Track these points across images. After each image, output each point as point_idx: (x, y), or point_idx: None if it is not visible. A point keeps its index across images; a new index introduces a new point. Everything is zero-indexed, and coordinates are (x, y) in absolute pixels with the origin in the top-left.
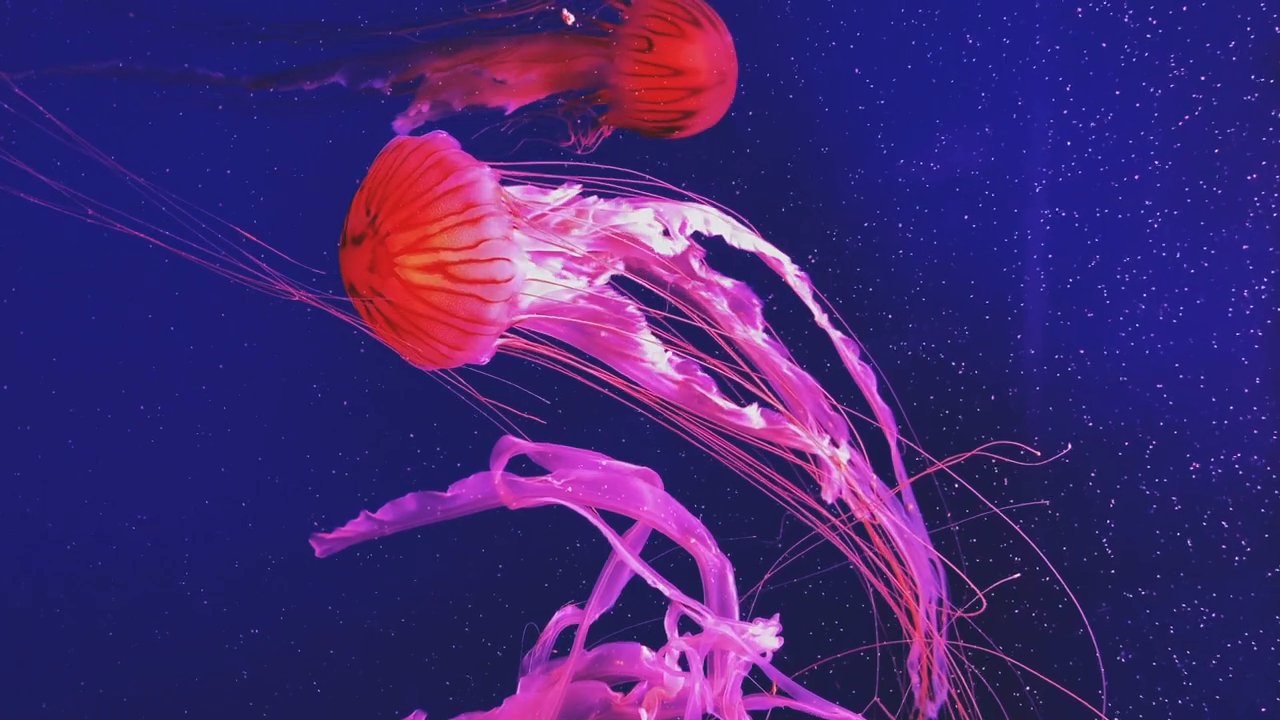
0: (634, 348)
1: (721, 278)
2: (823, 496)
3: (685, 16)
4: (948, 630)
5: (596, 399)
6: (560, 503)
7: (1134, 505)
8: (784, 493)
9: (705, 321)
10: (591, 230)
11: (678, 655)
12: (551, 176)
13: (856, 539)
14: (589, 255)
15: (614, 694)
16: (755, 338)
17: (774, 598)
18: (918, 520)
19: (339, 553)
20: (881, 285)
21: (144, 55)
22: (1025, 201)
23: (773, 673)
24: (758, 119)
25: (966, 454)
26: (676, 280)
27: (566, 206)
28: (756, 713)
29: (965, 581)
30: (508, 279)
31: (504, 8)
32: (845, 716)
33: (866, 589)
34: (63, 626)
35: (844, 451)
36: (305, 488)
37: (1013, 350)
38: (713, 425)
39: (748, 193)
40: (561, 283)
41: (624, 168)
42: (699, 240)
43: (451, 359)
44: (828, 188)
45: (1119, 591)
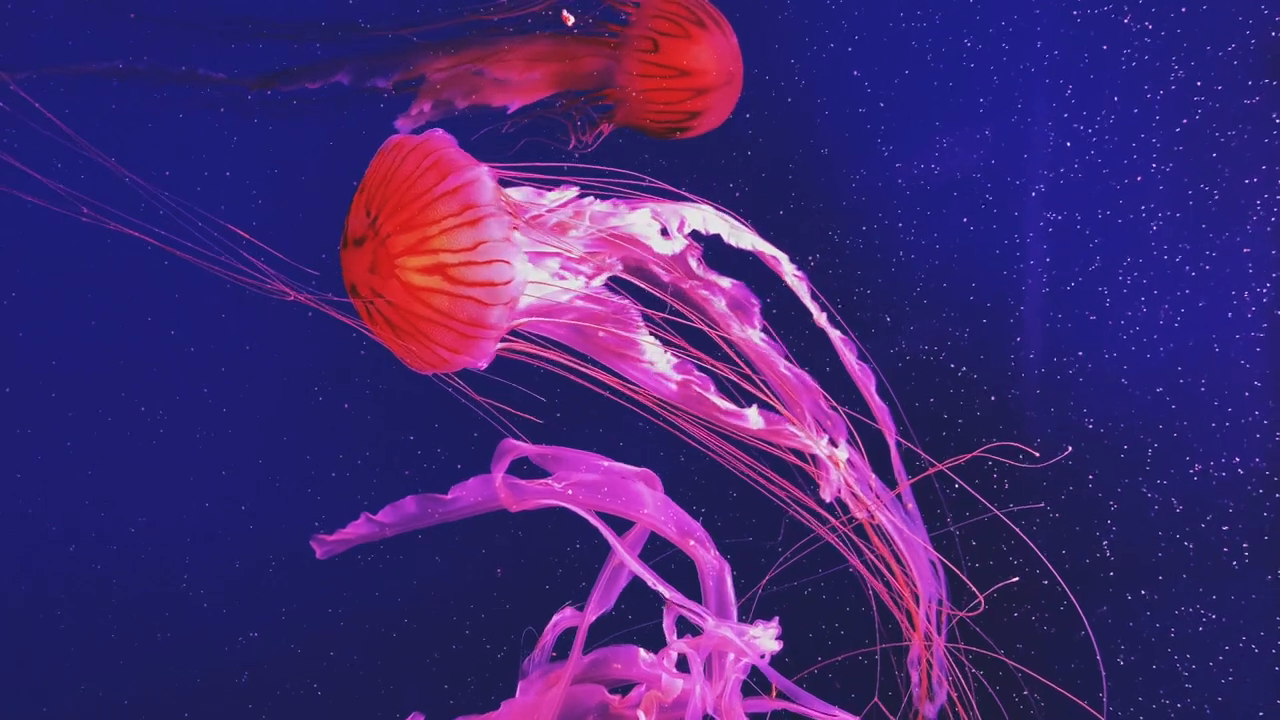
0: (633, 348)
1: (720, 277)
2: (821, 496)
3: (690, 17)
4: (948, 632)
5: (596, 400)
6: (561, 505)
7: (1135, 508)
8: (783, 494)
9: (704, 322)
10: (589, 231)
11: (676, 657)
12: (551, 177)
13: (856, 540)
14: (587, 256)
15: (611, 697)
16: (753, 337)
17: (774, 599)
18: (917, 520)
19: (339, 554)
20: (882, 286)
21: (144, 56)
22: (1026, 203)
23: (772, 675)
24: (759, 120)
25: (966, 455)
26: (674, 280)
27: (564, 207)
28: (756, 715)
29: (965, 583)
30: (506, 282)
31: (504, 8)
32: (845, 718)
33: (866, 591)
34: (63, 627)
35: (842, 451)
36: (305, 489)
37: (1013, 352)
38: (712, 426)
39: (748, 194)
40: (560, 284)
41: (624, 168)
42: (697, 240)
43: (451, 362)
44: (828, 189)
45: (1120, 594)
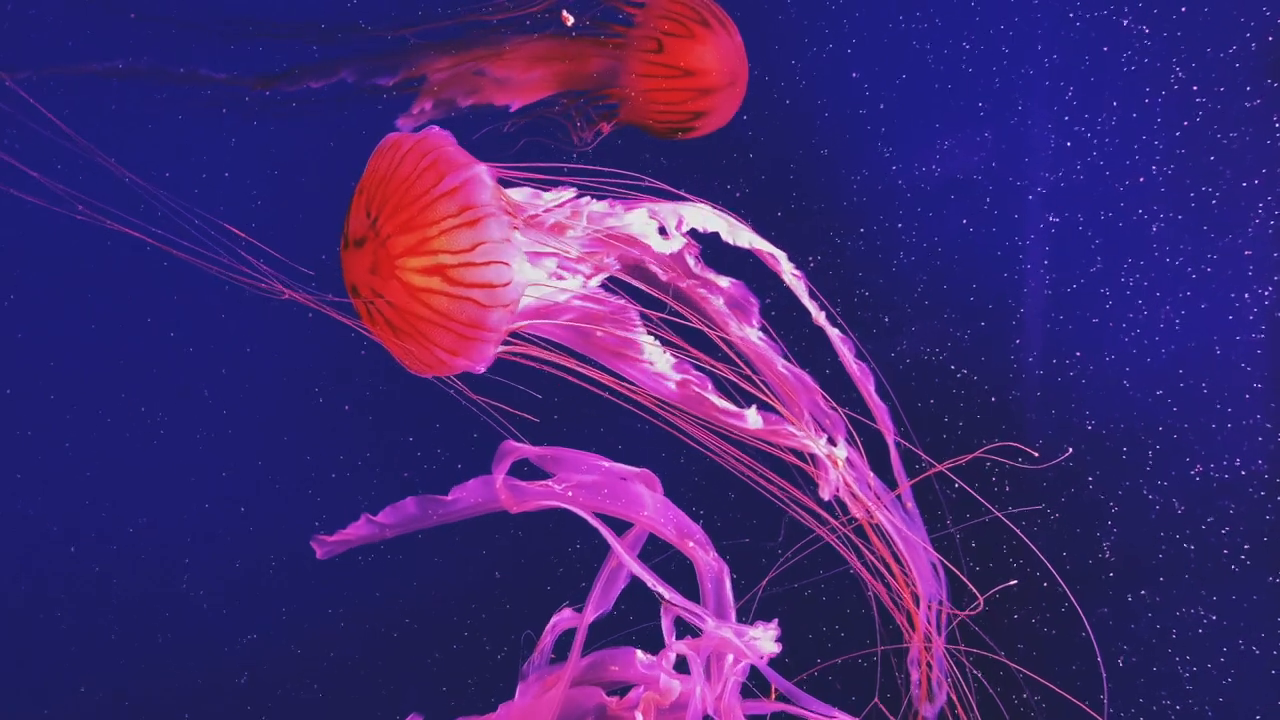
0: (632, 348)
1: (718, 277)
2: (820, 495)
3: (695, 18)
4: (949, 634)
5: (596, 401)
6: (561, 506)
7: (1135, 509)
8: (783, 495)
9: (703, 322)
10: (587, 231)
11: (673, 659)
12: (551, 177)
13: (856, 541)
14: (585, 256)
15: (609, 699)
16: (751, 336)
17: (773, 601)
18: (917, 520)
19: (339, 555)
20: (883, 288)
21: (144, 56)
22: (1027, 205)
23: (772, 676)
24: (759, 121)
25: (967, 456)
26: (673, 279)
27: (562, 207)
28: (756, 717)
29: (966, 585)
30: (505, 283)
31: (504, 9)
32: None
33: (867, 592)
34: (64, 628)
35: (841, 450)
36: (305, 490)
37: (1014, 354)
38: (711, 426)
39: (749, 195)
40: (558, 284)
41: (624, 168)
42: (695, 239)
43: (450, 365)
44: (829, 190)
45: (1120, 595)
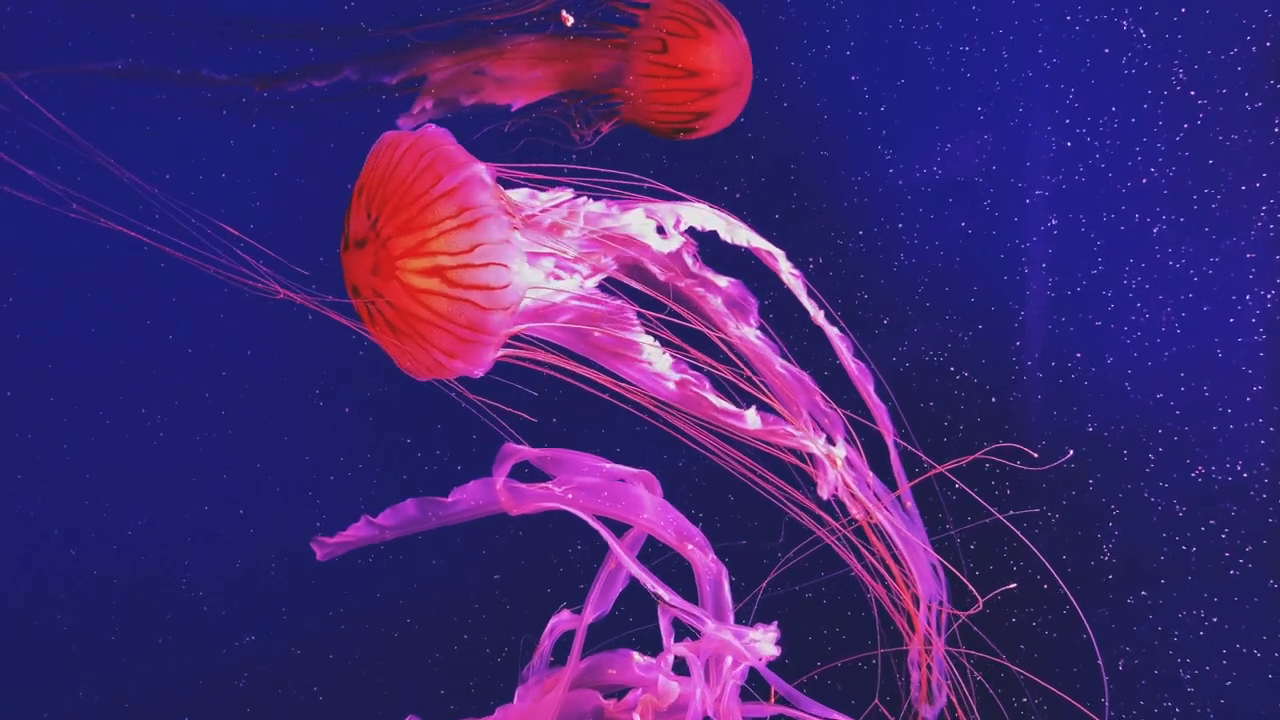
0: (631, 348)
1: (717, 276)
2: (819, 493)
3: (700, 18)
4: (950, 636)
5: (595, 402)
6: (561, 508)
7: (1136, 512)
8: (783, 496)
9: (701, 322)
10: (585, 231)
11: (671, 660)
12: (552, 177)
13: (856, 542)
14: (582, 256)
15: (606, 701)
16: (749, 335)
17: (773, 603)
18: (917, 521)
19: (339, 556)
20: (884, 289)
21: (144, 56)
22: (1028, 207)
23: (772, 678)
24: (760, 122)
25: (968, 458)
26: (671, 279)
27: (559, 207)
28: (755, 719)
29: (966, 586)
30: (504, 285)
31: (504, 9)
32: None
33: (867, 594)
34: (64, 628)
35: (840, 449)
36: (305, 491)
37: (1015, 356)
38: (711, 427)
39: (749, 196)
40: (556, 284)
41: (625, 168)
42: (694, 238)
43: (449, 368)
44: (830, 192)
45: (1121, 598)
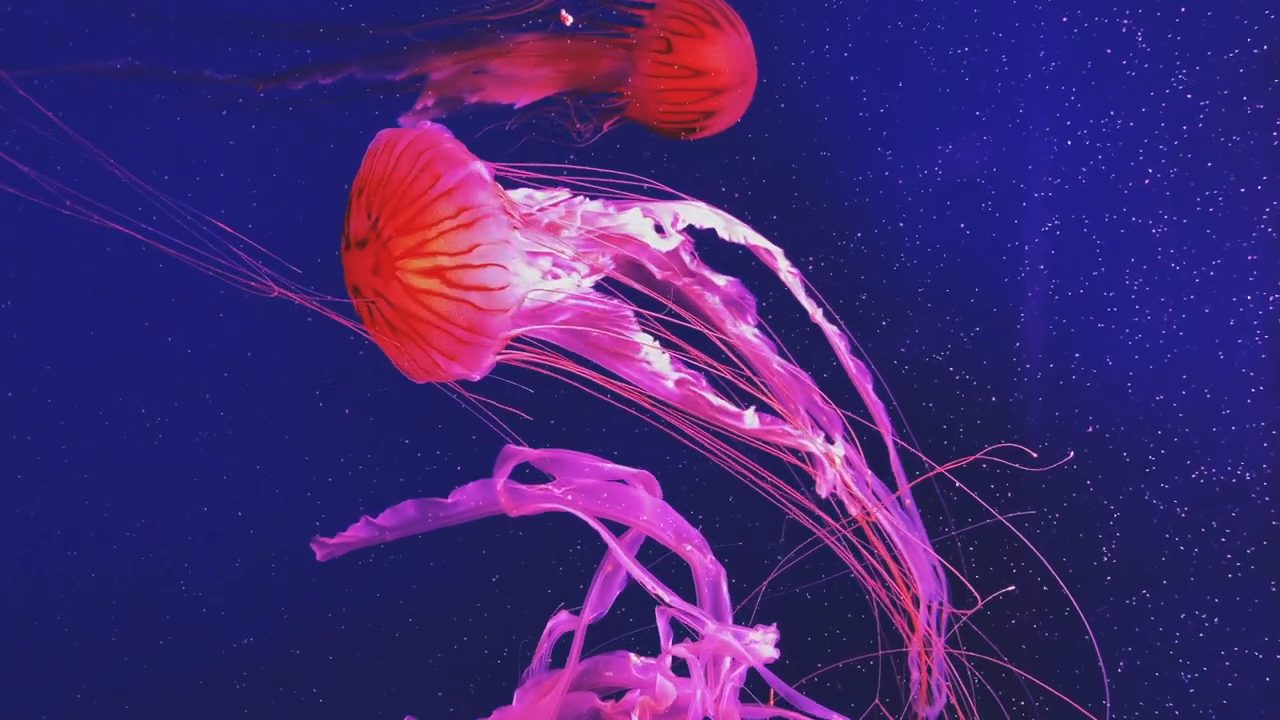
0: (630, 348)
1: (716, 275)
2: (817, 491)
3: (705, 17)
4: (950, 638)
5: (595, 403)
6: (560, 509)
7: (1137, 513)
8: (783, 497)
9: (700, 321)
10: (583, 231)
11: (669, 662)
12: (551, 176)
13: (856, 543)
14: (580, 256)
15: (603, 703)
16: (747, 333)
17: (773, 604)
18: (916, 520)
19: (339, 557)
20: (885, 289)
21: (144, 56)
22: (1029, 208)
23: (771, 679)
24: (761, 122)
25: (968, 459)
26: (670, 278)
27: (557, 207)
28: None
29: (967, 587)
30: (503, 286)
31: (504, 8)
32: None
33: (867, 595)
34: (64, 628)
35: (839, 447)
36: (305, 492)
37: (1016, 357)
38: (711, 427)
39: (750, 196)
40: (555, 284)
41: (625, 168)
42: (692, 236)
43: (447, 370)
44: (831, 192)
45: (1122, 599)
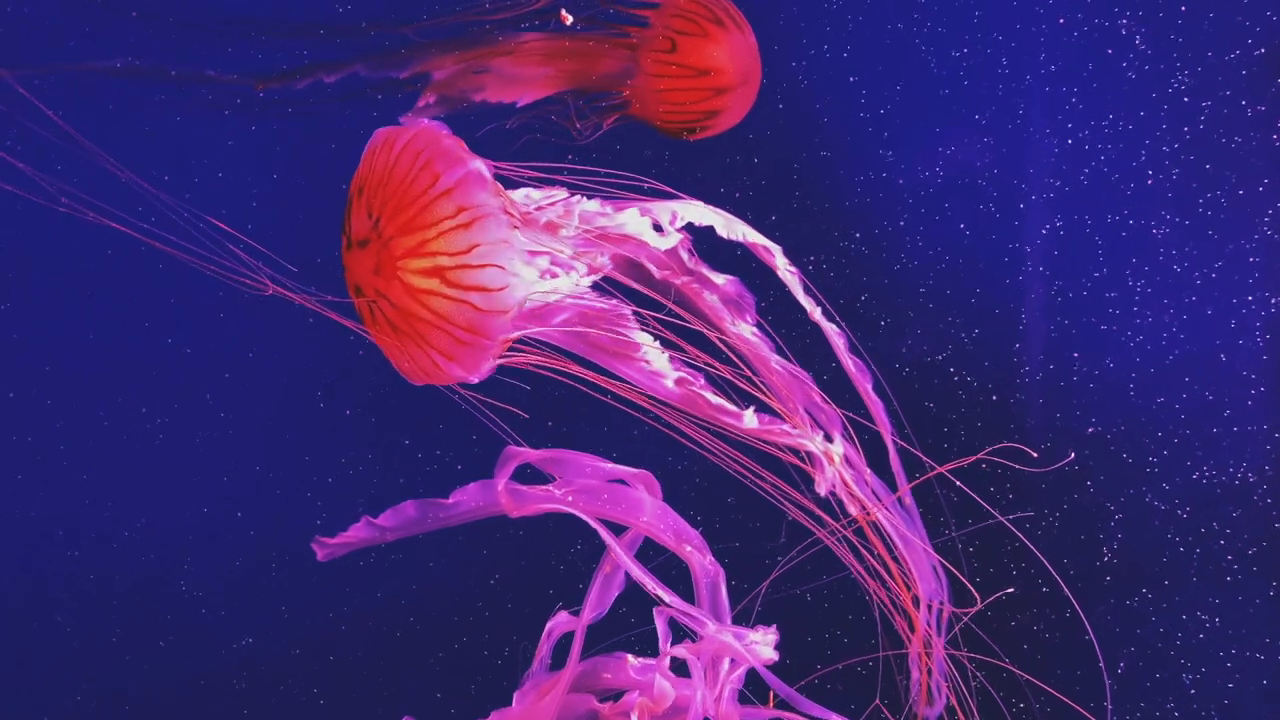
0: (629, 348)
1: (714, 273)
2: (816, 489)
3: (709, 16)
4: (951, 638)
5: (595, 404)
6: (561, 509)
7: (1138, 514)
8: (782, 497)
9: (699, 321)
10: (582, 230)
11: (668, 663)
12: (552, 176)
13: (856, 543)
14: (579, 255)
15: (601, 705)
16: (745, 332)
17: (773, 605)
18: (916, 520)
19: (340, 557)
20: (886, 290)
21: (144, 56)
22: (1030, 209)
23: (771, 680)
24: (762, 122)
25: (968, 459)
26: (669, 277)
27: (555, 206)
28: None
29: (967, 588)
30: (502, 287)
31: (505, 7)
32: None
33: (868, 595)
34: (64, 628)
35: (837, 445)
36: (305, 492)
37: (1016, 357)
38: (710, 427)
39: (751, 196)
40: (554, 284)
41: (625, 168)
42: (690, 233)
43: (446, 371)
44: (831, 193)
45: (1123, 600)
